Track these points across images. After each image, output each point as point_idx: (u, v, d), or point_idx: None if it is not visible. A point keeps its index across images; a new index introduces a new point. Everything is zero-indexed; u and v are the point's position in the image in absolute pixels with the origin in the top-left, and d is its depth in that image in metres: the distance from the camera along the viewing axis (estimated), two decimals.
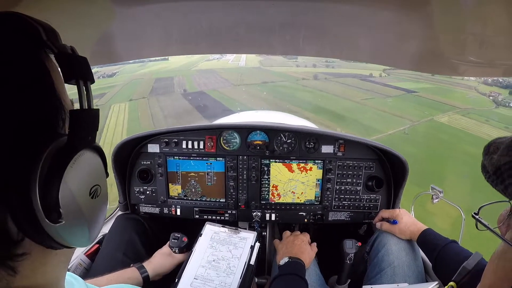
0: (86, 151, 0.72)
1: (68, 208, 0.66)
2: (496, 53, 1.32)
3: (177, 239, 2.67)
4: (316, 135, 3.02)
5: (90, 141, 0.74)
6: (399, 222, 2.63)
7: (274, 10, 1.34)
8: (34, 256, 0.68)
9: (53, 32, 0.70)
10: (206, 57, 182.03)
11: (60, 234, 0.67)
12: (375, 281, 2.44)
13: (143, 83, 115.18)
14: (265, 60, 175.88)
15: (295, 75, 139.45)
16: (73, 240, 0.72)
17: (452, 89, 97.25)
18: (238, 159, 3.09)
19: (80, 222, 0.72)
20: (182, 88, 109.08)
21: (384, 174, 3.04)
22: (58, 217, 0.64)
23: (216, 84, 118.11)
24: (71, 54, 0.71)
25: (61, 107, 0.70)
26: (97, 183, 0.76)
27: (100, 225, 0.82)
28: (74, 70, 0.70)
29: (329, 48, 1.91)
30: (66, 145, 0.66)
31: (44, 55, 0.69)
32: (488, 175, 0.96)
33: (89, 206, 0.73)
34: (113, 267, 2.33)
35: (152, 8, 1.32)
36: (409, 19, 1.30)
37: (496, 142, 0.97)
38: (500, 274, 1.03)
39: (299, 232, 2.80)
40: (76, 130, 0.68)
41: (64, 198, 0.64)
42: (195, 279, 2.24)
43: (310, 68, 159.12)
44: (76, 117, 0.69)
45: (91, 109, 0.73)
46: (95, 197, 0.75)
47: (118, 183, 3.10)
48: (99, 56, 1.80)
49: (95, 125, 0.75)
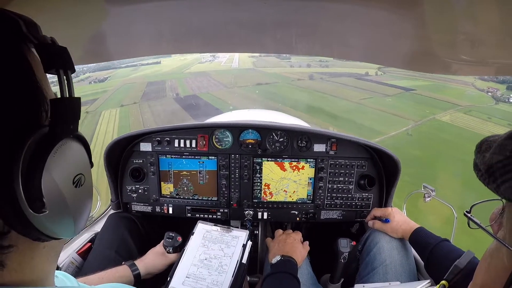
0: (68, 140, 0.72)
1: (52, 197, 0.66)
2: (488, 51, 1.32)
3: (172, 238, 2.66)
4: (308, 134, 3.02)
5: (72, 130, 0.74)
6: (391, 221, 2.64)
7: (266, 8, 1.34)
8: (21, 249, 0.69)
9: (33, 25, 0.70)
10: (199, 60, 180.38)
11: (44, 224, 0.67)
12: (367, 279, 2.45)
13: (134, 87, 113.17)
14: (258, 61, 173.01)
15: (290, 75, 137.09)
16: (58, 231, 0.72)
17: (449, 86, 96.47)
18: (230, 158, 3.08)
19: (64, 211, 0.72)
20: (174, 92, 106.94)
21: (376, 172, 3.05)
22: (42, 206, 0.64)
23: (209, 87, 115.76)
24: (50, 44, 0.72)
25: (43, 98, 0.70)
26: (80, 172, 0.76)
27: (85, 215, 0.82)
28: (54, 60, 0.71)
29: (321, 47, 1.91)
30: (48, 134, 0.66)
31: (25, 47, 0.69)
32: (480, 174, 0.96)
33: (73, 195, 0.73)
34: (106, 265, 2.32)
35: (143, 7, 1.31)
36: (401, 18, 1.30)
37: (488, 140, 0.96)
38: (492, 273, 1.03)
39: (291, 231, 2.80)
40: (57, 119, 0.68)
41: (47, 187, 0.65)
42: (187, 278, 2.24)
43: (304, 68, 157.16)
44: (57, 105, 0.69)
45: (71, 97, 0.73)
46: (79, 186, 0.75)
47: (110, 181, 3.09)
48: (91, 55, 1.79)
49: (76, 113, 0.75)
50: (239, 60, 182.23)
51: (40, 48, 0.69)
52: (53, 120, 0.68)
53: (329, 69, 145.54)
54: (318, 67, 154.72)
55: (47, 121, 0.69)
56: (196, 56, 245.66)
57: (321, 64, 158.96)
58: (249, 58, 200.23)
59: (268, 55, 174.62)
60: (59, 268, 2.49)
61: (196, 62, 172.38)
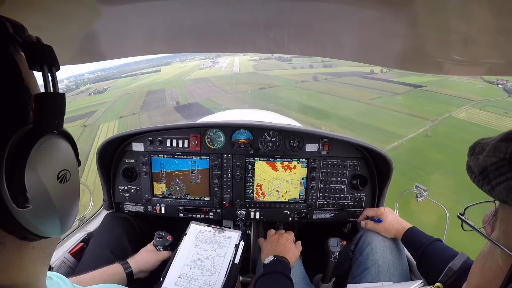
0: (53, 136, 0.72)
1: (35, 192, 0.66)
2: (480, 51, 1.33)
3: (162, 237, 2.68)
4: (301, 134, 3.03)
5: (57, 126, 0.74)
6: (383, 221, 2.65)
7: (258, 8, 1.34)
8: (8, 247, 0.68)
9: (20, 26, 0.71)
10: (199, 66, 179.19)
11: (29, 220, 0.67)
12: (359, 279, 2.45)
13: (134, 97, 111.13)
14: (259, 65, 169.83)
15: (293, 77, 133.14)
16: (43, 228, 0.72)
17: (458, 80, 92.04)
18: (223, 158, 3.09)
19: (48, 207, 0.71)
20: (174, 100, 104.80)
21: (368, 172, 3.06)
22: (25, 201, 0.63)
23: (210, 93, 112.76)
24: (35, 42, 0.72)
25: (29, 95, 0.70)
26: (65, 168, 0.75)
27: (72, 214, 0.81)
28: (38, 57, 0.71)
29: (314, 47, 1.91)
30: (31, 129, 0.66)
31: (12, 47, 0.69)
32: (474, 176, 0.97)
33: (58, 190, 0.73)
34: (100, 265, 2.33)
35: (135, 6, 1.31)
36: (393, 18, 1.30)
37: (481, 142, 0.97)
38: (487, 274, 1.04)
39: (283, 231, 2.81)
40: (41, 114, 0.69)
41: (30, 182, 0.64)
42: (179, 278, 2.23)
43: (307, 69, 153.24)
44: (40, 100, 0.69)
45: (55, 93, 0.73)
46: (64, 182, 0.75)
47: (103, 181, 3.10)
48: (84, 55, 1.78)
49: (60, 109, 0.75)
50: (240, 64, 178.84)
51: (24, 46, 0.69)
52: (37, 115, 0.68)
53: (333, 69, 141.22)
54: (320, 68, 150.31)
55: (32, 117, 0.69)
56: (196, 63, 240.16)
57: (324, 64, 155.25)
58: (249, 61, 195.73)
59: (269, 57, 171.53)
60: (51, 268, 2.49)
61: (196, 69, 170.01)
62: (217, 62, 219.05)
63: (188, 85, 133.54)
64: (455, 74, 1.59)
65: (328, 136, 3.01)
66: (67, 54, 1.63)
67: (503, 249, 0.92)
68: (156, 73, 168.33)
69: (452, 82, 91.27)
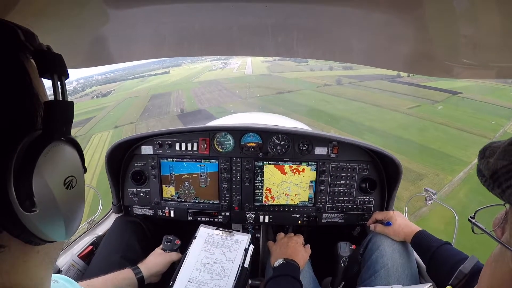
0: (60, 143, 0.74)
1: (42, 197, 0.67)
2: (489, 54, 1.32)
3: (170, 241, 2.67)
4: (310, 137, 3.03)
5: (64, 133, 0.75)
6: (393, 224, 2.64)
7: (266, 12, 1.34)
8: (13, 250, 0.69)
9: (31, 34, 0.72)
10: (209, 67, 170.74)
11: (35, 225, 0.67)
12: (369, 283, 2.44)
13: (136, 102, 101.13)
14: (274, 66, 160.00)
15: (313, 80, 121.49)
16: (49, 232, 0.72)
17: (494, 86, 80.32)
18: (232, 161, 3.09)
19: (54, 212, 0.72)
20: (179, 107, 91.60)
21: (377, 176, 3.05)
22: (32, 206, 0.64)
23: (220, 98, 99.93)
24: (46, 50, 0.74)
25: (38, 102, 0.71)
26: (72, 174, 0.76)
27: (77, 219, 0.82)
28: (48, 65, 0.73)
29: (322, 50, 1.91)
30: (40, 136, 0.68)
31: (23, 55, 0.70)
32: (484, 179, 0.96)
33: (64, 196, 0.74)
34: (110, 269, 2.33)
35: (144, 10, 1.32)
36: (402, 21, 1.30)
37: (491, 146, 0.96)
38: (497, 277, 1.03)
39: (293, 234, 2.80)
40: (49, 121, 0.70)
41: (37, 187, 0.65)
42: (189, 282, 2.24)
43: (326, 72, 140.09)
44: (49, 108, 0.71)
45: (64, 101, 0.75)
46: (70, 188, 0.76)
47: (112, 185, 3.10)
48: (92, 58, 1.79)
49: (68, 117, 0.76)
50: (253, 66, 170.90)
51: (36, 54, 0.71)
52: (45, 123, 0.70)
53: (354, 71, 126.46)
54: (341, 70, 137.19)
55: (41, 124, 0.70)
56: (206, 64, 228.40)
57: (344, 66, 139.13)
58: (263, 63, 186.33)
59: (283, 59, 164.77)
60: (60, 271, 2.50)
61: (207, 70, 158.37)
62: (228, 64, 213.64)
63: (196, 88, 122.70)
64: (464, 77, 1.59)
65: (337, 140, 3.00)
66: (75, 58, 1.64)
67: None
68: (164, 75, 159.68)
69: (490, 89, 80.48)
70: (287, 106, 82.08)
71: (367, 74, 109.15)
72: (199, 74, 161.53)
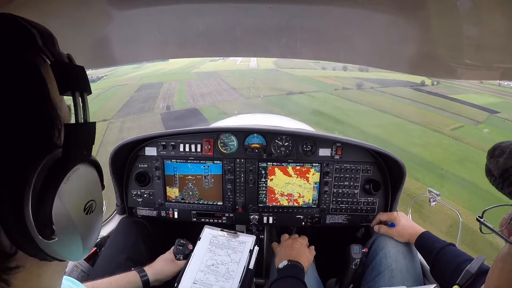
0: (81, 166, 0.71)
1: (62, 224, 0.65)
2: (492, 55, 1.32)
3: (183, 246, 2.64)
4: (313, 138, 3.03)
5: (86, 155, 0.72)
6: (397, 225, 2.63)
7: (270, 13, 1.34)
8: (28, 268, 0.68)
9: (49, 37, 0.69)
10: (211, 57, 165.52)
11: (53, 249, 0.66)
12: (373, 284, 2.44)
13: (122, 92, 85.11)
14: (281, 61, 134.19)
15: (328, 81, 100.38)
16: (67, 254, 0.71)
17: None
18: (236, 162, 3.10)
19: (73, 238, 0.71)
20: (166, 102, 73.47)
21: (381, 177, 3.05)
22: (51, 234, 0.63)
23: (219, 95, 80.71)
24: (67, 63, 0.70)
25: (57, 116, 0.68)
26: (92, 198, 0.75)
27: (94, 238, 0.80)
28: (70, 82, 0.68)
29: (327, 52, 1.91)
30: (61, 160, 0.65)
31: (40, 61, 0.66)
32: (493, 179, 0.96)
33: (83, 222, 0.72)
34: (116, 271, 2.33)
35: (148, 11, 1.32)
36: (406, 22, 1.30)
37: (500, 146, 0.97)
38: (505, 276, 1.04)
39: (297, 235, 2.80)
40: (71, 145, 0.66)
41: (57, 215, 0.63)
42: (194, 284, 2.24)
43: (341, 72, 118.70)
44: (71, 131, 0.67)
45: (87, 122, 0.71)
46: (90, 213, 0.74)
47: (116, 186, 3.10)
48: (95, 60, 1.79)
49: (91, 139, 0.73)
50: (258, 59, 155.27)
51: (56, 67, 0.66)
52: (66, 146, 0.66)
53: (371, 73, 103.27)
54: (356, 71, 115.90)
55: (61, 142, 0.68)
56: None
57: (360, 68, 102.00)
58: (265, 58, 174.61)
59: None
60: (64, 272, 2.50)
61: (208, 60, 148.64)
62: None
63: (192, 80, 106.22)
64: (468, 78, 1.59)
65: (341, 141, 3.00)
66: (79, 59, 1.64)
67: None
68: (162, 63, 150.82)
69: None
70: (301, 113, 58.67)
71: (388, 79, 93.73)
72: (199, 64, 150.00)
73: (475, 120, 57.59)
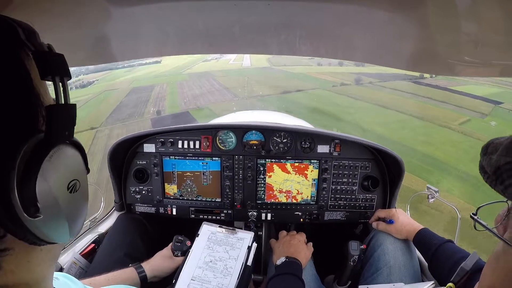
0: (63, 146, 0.73)
1: (46, 202, 0.67)
2: (492, 52, 1.32)
3: (181, 242, 2.65)
4: (312, 135, 3.03)
5: (68, 136, 0.75)
6: (395, 222, 2.64)
7: (269, 10, 1.34)
8: (17, 252, 0.69)
9: (32, 32, 0.72)
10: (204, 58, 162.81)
11: (40, 229, 0.68)
12: (371, 280, 2.45)
13: (111, 97, 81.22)
14: (275, 58, 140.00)
15: (325, 77, 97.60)
16: (53, 235, 0.73)
17: None
18: (234, 159, 3.10)
19: (58, 216, 0.73)
20: (157, 106, 68.98)
21: (380, 173, 3.06)
22: (36, 211, 0.64)
23: (212, 96, 77.72)
24: (47, 51, 0.73)
25: (41, 104, 0.71)
26: (75, 178, 0.76)
27: (80, 220, 0.82)
28: (50, 67, 0.72)
29: (325, 48, 1.91)
30: (43, 140, 0.67)
31: (24, 54, 0.70)
32: (486, 176, 0.96)
33: (68, 200, 0.74)
34: (113, 267, 2.34)
35: (147, 8, 1.32)
36: (405, 19, 1.30)
37: (494, 142, 0.96)
38: (499, 275, 1.03)
39: (295, 232, 2.81)
40: (52, 125, 0.69)
41: (41, 193, 0.65)
42: (192, 280, 2.24)
43: (337, 67, 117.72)
44: (52, 112, 0.70)
45: (67, 104, 0.74)
46: (74, 192, 0.76)
47: (114, 182, 3.11)
48: (94, 56, 1.80)
49: (71, 120, 0.76)
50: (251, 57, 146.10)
51: (36, 55, 0.70)
52: (48, 127, 0.69)
53: (368, 68, 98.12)
54: (352, 66, 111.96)
55: (43, 127, 0.70)
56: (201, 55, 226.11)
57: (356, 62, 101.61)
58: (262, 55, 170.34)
59: None
60: (62, 269, 2.51)
61: (200, 61, 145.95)
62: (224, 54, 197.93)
63: (184, 81, 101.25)
64: (467, 75, 1.59)
65: (340, 137, 3.01)
66: (78, 56, 1.64)
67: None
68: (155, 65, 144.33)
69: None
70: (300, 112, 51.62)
71: (386, 72, 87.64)
72: (191, 64, 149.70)
73: (481, 113, 55.92)
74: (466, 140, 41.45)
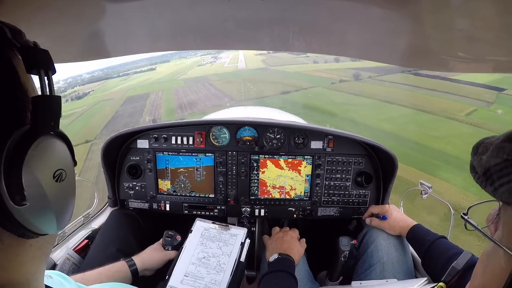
0: (49, 137, 0.75)
1: (32, 190, 0.68)
2: (485, 48, 1.32)
3: (171, 237, 2.66)
4: (305, 131, 3.03)
5: (53, 127, 0.76)
6: (388, 218, 2.64)
7: (262, 5, 1.34)
8: (6, 245, 0.70)
9: (18, 32, 0.73)
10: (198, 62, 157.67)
11: (26, 218, 0.69)
12: (364, 276, 2.45)
13: (107, 107, 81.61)
14: (270, 59, 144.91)
15: (323, 74, 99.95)
16: (41, 225, 0.74)
17: None
18: (228, 155, 3.10)
19: (45, 205, 0.73)
20: (152, 115, 70.89)
21: (373, 169, 3.06)
22: (22, 199, 0.65)
23: (207, 100, 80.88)
24: (32, 47, 0.75)
25: (26, 97, 0.72)
26: (61, 168, 0.77)
27: (68, 211, 0.83)
28: (35, 61, 0.74)
29: (318, 44, 1.91)
30: (28, 130, 0.69)
31: (10, 52, 0.71)
32: (477, 176, 0.96)
33: (54, 189, 0.75)
34: (105, 262, 2.34)
35: (139, 3, 1.31)
36: (398, 15, 1.30)
37: (484, 142, 0.96)
38: (490, 275, 1.03)
39: (288, 228, 2.81)
40: (37, 116, 0.71)
41: (27, 181, 0.66)
42: (185, 276, 2.23)
43: (333, 64, 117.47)
44: (37, 103, 0.72)
45: (52, 95, 0.76)
46: (60, 181, 0.77)
47: (108, 178, 3.11)
48: (87, 52, 1.79)
49: (56, 111, 0.78)
50: (246, 59, 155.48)
51: (22, 51, 0.72)
52: (34, 117, 0.71)
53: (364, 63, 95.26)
54: (349, 61, 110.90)
55: (29, 119, 0.72)
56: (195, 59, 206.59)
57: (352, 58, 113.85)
58: (256, 56, 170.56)
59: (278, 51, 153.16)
60: (55, 265, 2.50)
61: (195, 66, 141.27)
62: (219, 58, 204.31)
63: (180, 87, 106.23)
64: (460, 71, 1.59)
65: (333, 133, 3.01)
66: (71, 51, 1.63)
67: (506, 250, 0.91)
68: (149, 72, 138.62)
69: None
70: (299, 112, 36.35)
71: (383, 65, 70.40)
72: (186, 70, 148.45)
73: (486, 101, 55.52)
74: (476, 132, 40.63)
